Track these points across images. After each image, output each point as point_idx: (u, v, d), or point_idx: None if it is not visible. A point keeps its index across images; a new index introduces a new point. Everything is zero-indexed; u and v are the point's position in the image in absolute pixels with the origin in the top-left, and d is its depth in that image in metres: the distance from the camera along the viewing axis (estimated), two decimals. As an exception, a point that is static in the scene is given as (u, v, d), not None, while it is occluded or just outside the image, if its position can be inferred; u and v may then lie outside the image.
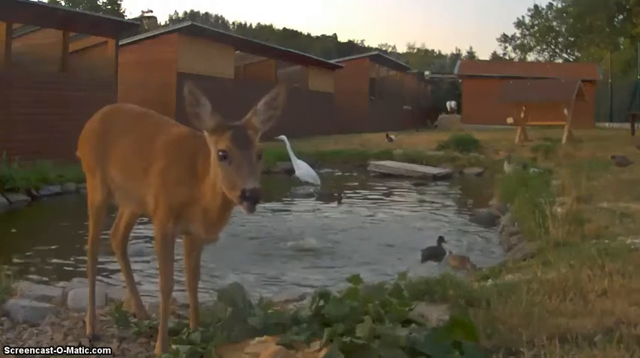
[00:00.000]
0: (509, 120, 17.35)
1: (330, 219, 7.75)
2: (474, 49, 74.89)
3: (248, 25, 69.17)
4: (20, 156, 9.20)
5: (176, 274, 2.67)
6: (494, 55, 55.36)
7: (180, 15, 67.92)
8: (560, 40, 44.71)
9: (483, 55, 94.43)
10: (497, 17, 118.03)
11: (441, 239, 5.56)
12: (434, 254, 5.35)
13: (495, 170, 11.83)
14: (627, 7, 35.87)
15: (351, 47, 54.35)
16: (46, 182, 9.12)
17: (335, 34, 66.59)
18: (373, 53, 30.81)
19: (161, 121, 2.81)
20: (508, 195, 7.55)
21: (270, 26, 66.20)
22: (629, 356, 2.27)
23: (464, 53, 66.22)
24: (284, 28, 63.91)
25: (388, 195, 10.21)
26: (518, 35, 47.34)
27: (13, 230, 7.07)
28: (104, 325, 3.00)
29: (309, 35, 63.17)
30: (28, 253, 5.56)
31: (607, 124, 26.46)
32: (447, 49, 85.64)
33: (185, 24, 17.82)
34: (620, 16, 37.59)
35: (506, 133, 17.07)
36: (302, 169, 10.17)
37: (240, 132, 2.28)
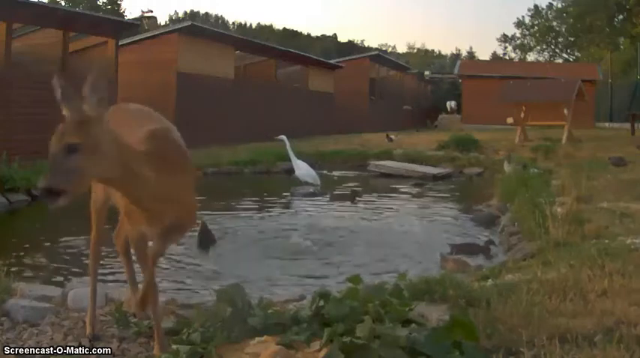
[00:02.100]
0: (509, 120, 17.34)
1: (329, 218, 7.73)
2: (474, 49, 75.07)
3: (248, 25, 69.33)
4: (20, 156, 9.18)
5: (176, 275, 2.67)
6: (494, 55, 55.48)
7: (180, 15, 68.09)
8: (560, 40, 44.78)
9: (483, 55, 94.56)
10: (497, 17, 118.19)
11: (490, 241, 5.70)
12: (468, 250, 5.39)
13: (495, 170, 11.81)
14: (627, 7, 35.90)
15: (351, 47, 54.39)
16: (46, 182, 9.10)
17: (335, 34, 66.76)
18: (373, 53, 30.82)
19: (149, 118, 2.74)
20: (508, 195, 7.53)
21: (270, 26, 66.36)
22: (629, 356, 2.26)
23: (464, 53, 66.36)
24: (284, 28, 64.04)
25: (388, 195, 10.20)
26: (518, 35, 47.50)
27: (19, 226, 7.08)
28: (104, 325, 2.99)
29: (309, 35, 63.31)
30: (29, 253, 5.55)
31: (607, 124, 26.48)
32: (447, 49, 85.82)
33: (185, 24, 17.80)
34: (620, 16, 37.62)
35: (506, 133, 17.05)
36: (302, 169, 10.19)
37: (61, 127, 2.21)
